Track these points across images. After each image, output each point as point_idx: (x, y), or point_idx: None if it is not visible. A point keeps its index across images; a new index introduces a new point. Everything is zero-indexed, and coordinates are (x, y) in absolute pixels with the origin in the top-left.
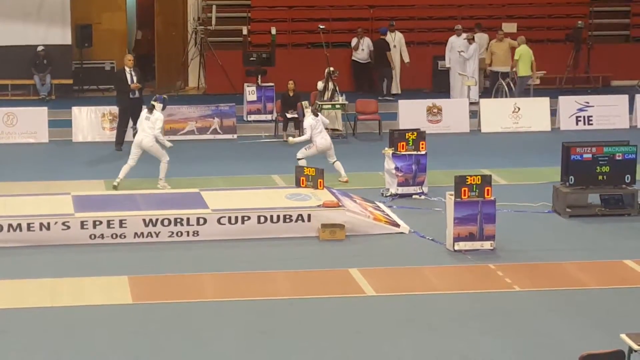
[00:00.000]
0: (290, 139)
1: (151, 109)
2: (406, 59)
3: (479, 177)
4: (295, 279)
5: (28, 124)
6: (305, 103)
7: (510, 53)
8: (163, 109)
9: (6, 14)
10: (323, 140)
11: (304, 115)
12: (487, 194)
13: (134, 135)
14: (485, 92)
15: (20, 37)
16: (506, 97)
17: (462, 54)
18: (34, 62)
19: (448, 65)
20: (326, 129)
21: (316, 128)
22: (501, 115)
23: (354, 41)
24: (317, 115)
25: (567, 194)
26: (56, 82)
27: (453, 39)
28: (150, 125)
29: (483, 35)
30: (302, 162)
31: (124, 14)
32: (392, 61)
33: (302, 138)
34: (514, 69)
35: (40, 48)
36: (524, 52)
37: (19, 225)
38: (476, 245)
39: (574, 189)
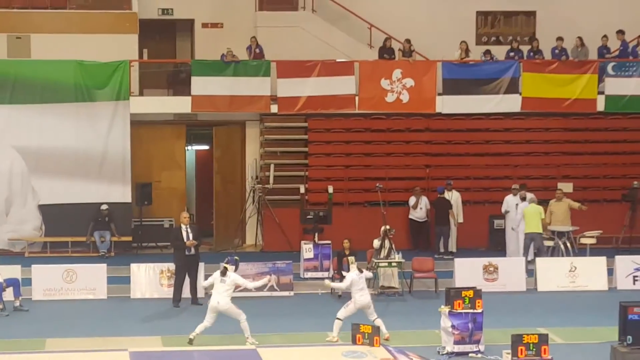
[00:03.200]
0: (327, 281)
1: (224, 271)
2: (460, 219)
3: (536, 335)
4: None
5: (87, 280)
6: (351, 259)
7: (569, 213)
8: (235, 270)
9: (68, 172)
10: (362, 297)
11: (348, 270)
12: (544, 353)
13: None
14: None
15: (81, 195)
16: (563, 256)
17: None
18: (96, 219)
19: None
20: (382, 286)
21: (357, 284)
22: (558, 274)
23: (412, 200)
24: (361, 272)
25: (625, 353)
26: (115, 239)
27: (509, 198)
28: (226, 288)
29: (530, 195)
30: (339, 323)
31: (183, 172)
32: (452, 219)
33: (339, 285)
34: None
35: (104, 207)
36: (527, 212)
37: None
38: None
39: (632, 349)
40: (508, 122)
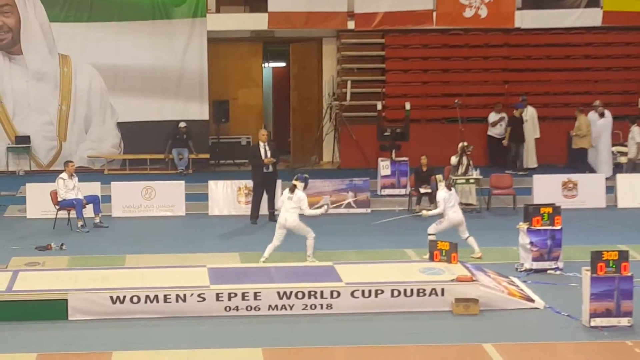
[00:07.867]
0: (424, 212)
1: (293, 188)
2: (537, 134)
3: (616, 252)
4: (428, 354)
5: (166, 197)
6: (439, 177)
7: None
8: (305, 188)
9: (145, 90)
10: (455, 214)
11: (437, 189)
12: (625, 270)
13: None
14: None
15: (158, 113)
16: None
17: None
18: (174, 136)
19: None
20: (459, 204)
21: (449, 202)
22: (639, 190)
23: (493, 116)
24: (450, 189)
25: None
26: (193, 157)
27: (590, 115)
28: (293, 205)
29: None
30: (432, 238)
31: (260, 90)
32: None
33: (436, 211)
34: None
35: (182, 124)
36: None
37: (156, 296)
38: (613, 321)
39: None
40: (588, 36)
